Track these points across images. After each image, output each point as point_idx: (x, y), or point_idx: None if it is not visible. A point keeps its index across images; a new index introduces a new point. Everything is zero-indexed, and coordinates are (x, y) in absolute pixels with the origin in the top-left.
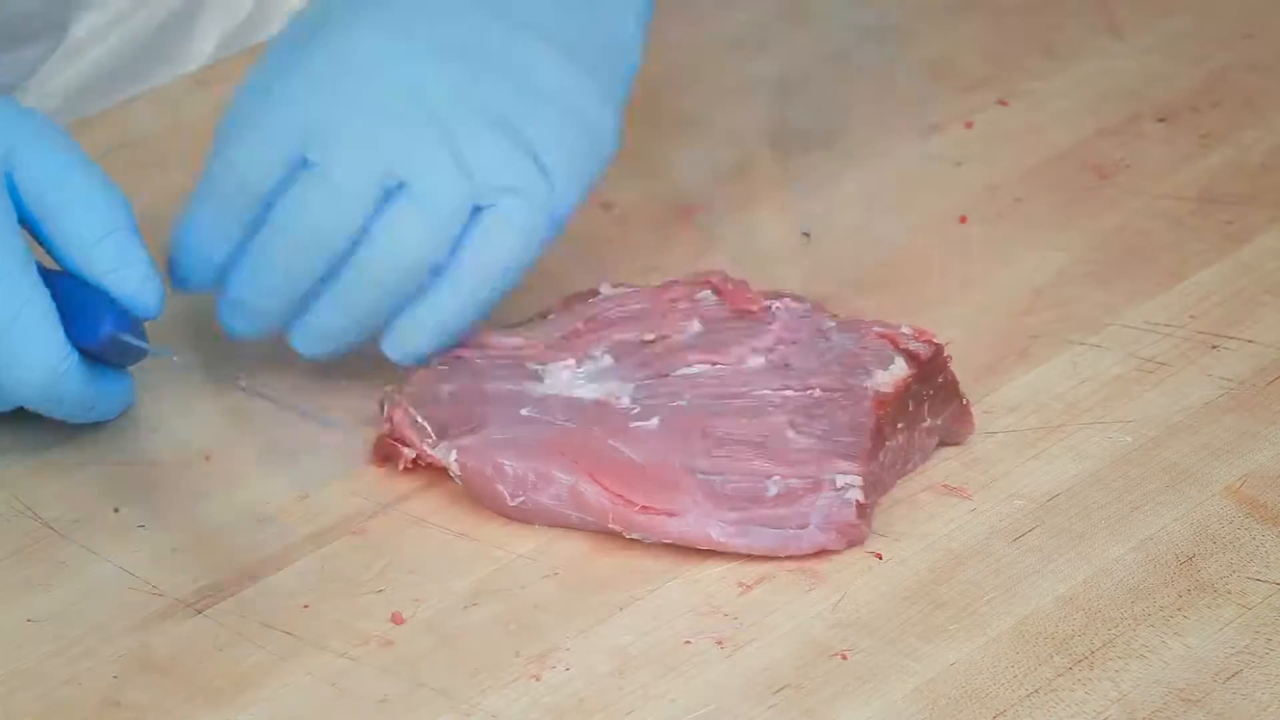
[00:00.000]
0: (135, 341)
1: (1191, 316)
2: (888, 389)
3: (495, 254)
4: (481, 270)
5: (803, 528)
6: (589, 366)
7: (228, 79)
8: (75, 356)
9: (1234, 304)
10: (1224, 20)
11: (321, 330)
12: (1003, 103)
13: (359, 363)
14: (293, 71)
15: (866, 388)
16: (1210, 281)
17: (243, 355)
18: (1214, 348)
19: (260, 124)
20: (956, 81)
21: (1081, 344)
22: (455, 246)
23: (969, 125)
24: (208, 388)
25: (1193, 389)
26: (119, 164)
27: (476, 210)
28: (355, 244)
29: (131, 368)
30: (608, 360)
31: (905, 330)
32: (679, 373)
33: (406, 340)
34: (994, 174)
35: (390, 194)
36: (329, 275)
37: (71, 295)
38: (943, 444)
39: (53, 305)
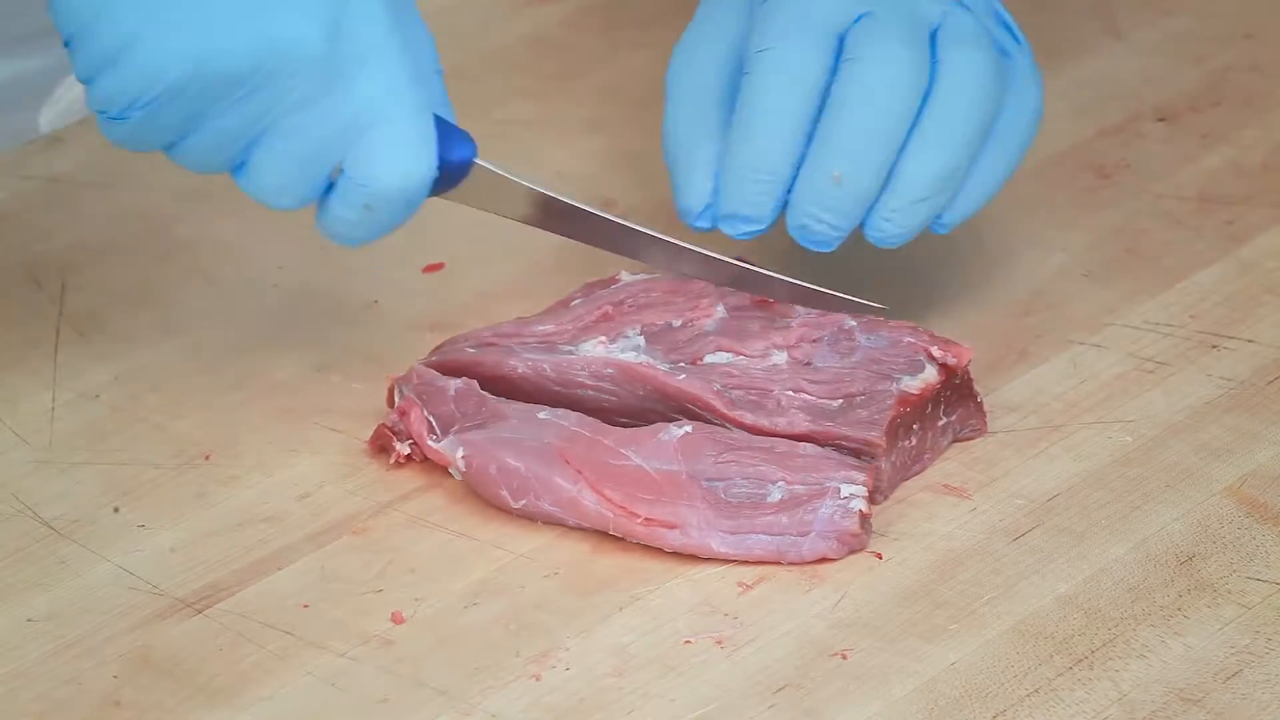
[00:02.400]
0: (494, 168)
1: (1191, 316)
2: (914, 391)
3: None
4: (972, 80)
5: (804, 535)
6: (622, 343)
7: None
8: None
9: (1234, 304)
10: (1224, 20)
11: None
12: None
13: (359, 363)
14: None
15: (892, 391)
16: (1210, 281)
17: (244, 349)
18: (1214, 348)
19: (792, 30)
20: None
21: (1081, 344)
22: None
23: None
24: (208, 387)
25: (1193, 389)
26: (119, 163)
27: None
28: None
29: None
30: (640, 340)
31: (935, 351)
32: (707, 359)
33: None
34: None
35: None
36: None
37: None
38: (954, 440)
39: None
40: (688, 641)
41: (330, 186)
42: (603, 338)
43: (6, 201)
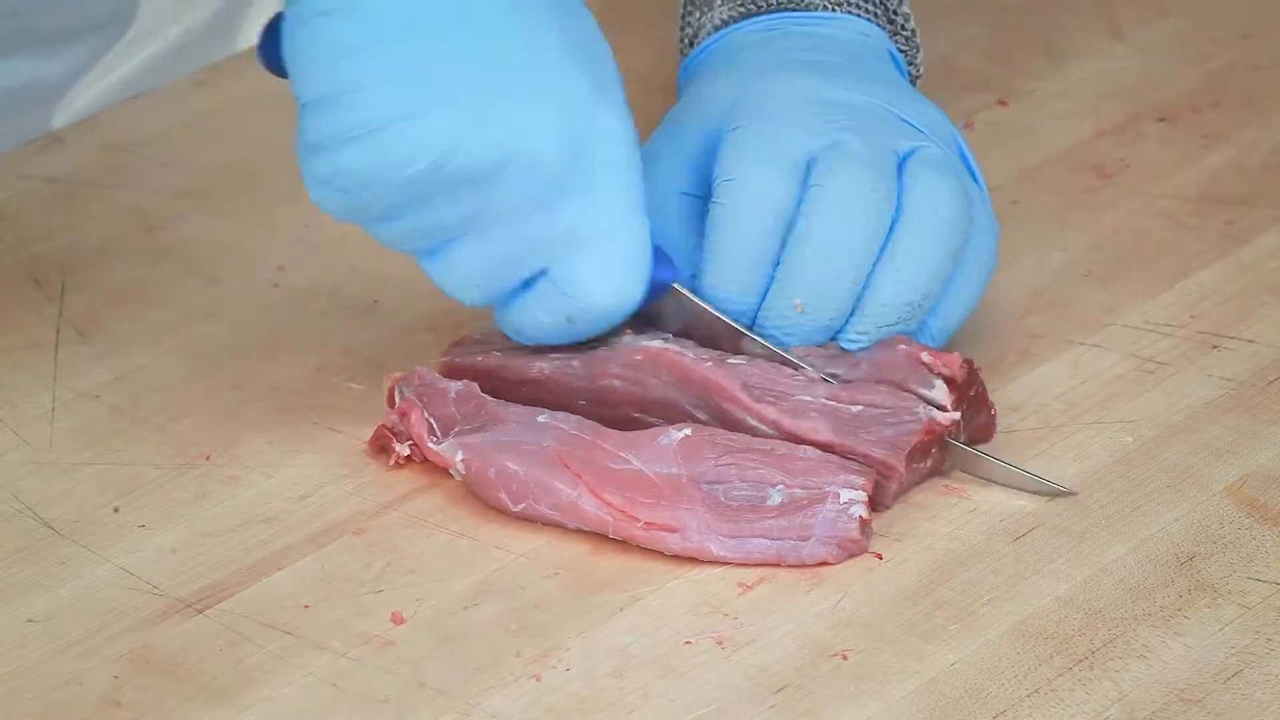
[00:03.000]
0: (692, 297)
1: (1191, 316)
2: (944, 421)
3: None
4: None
5: (804, 539)
6: (650, 333)
7: (227, 79)
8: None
9: (1234, 304)
10: (1224, 20)
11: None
12: (1003, 103)
13: (359, 363)
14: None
15: (918, 412)
16: (1210, 281)
17: (244, 349)
18: (1214, 348)
19: (759, 159)
20: (956, 81)
21: (1081, 344)
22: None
23: (969, 125)
24: (208, 387)
25: (1193, 389)
26: (119, 164)
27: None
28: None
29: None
30: (669, 335)
31: (925, 357)
32: (731, 360)
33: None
34: (994, 174)
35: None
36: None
37: None
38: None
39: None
40: (688, 642)
41: (524, 286)
42: (630, 330)
43: (6, 201)
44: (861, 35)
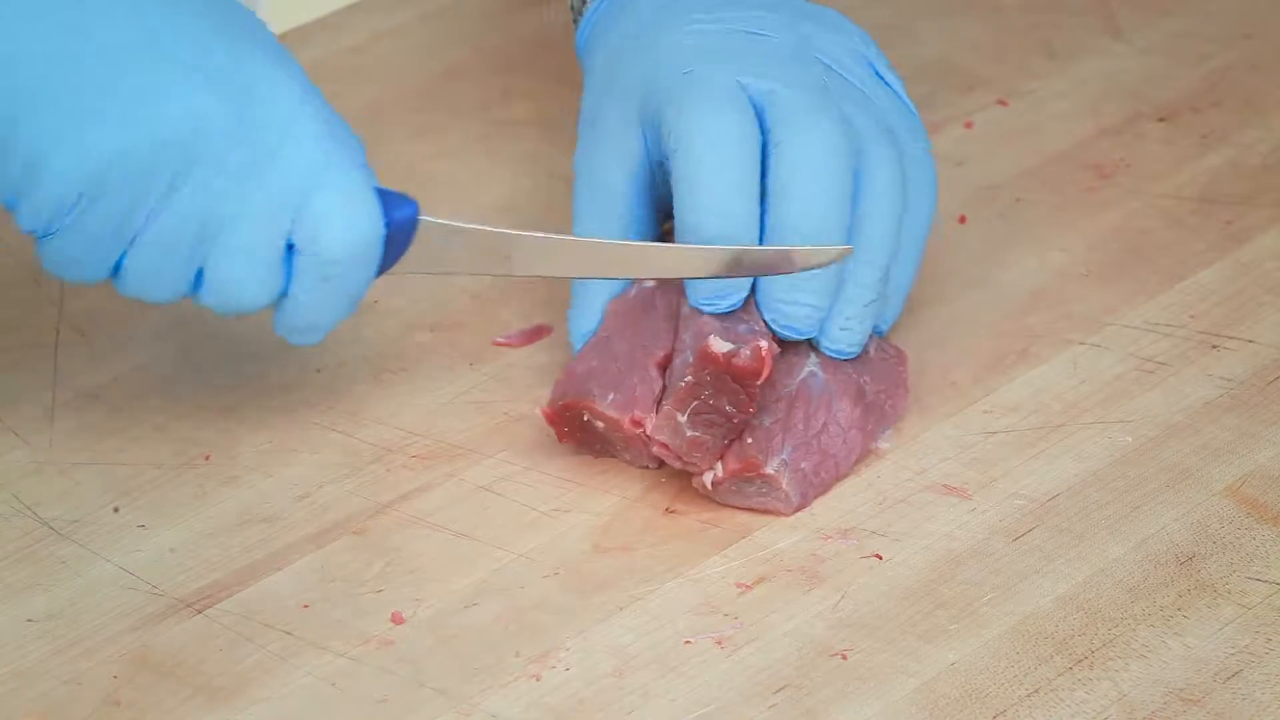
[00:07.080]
0: (447, 223)
1: (1191, 316)
2: (715, 349)
3: None
4: None
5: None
6: None
7: None
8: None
9: (1234, 304)
10: (1224, 20)
11: None
12: (1003, 103)
13: (359, 363)
14: None
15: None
16: (1210, 281)
17: (245, 349)
18: (1214, 348)
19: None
20: (956, 81)
21: (1081, 344)
22: None
23: (969, 125)
24: (208, 388)
25: (1193, 389)
26: None
27: None
28: None
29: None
30: None
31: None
32: None
33: None
34: (994, 174)
35: None
36: None
37: None
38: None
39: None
40: (688, 641)
41: (288, 281)
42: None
43: None
44: None
